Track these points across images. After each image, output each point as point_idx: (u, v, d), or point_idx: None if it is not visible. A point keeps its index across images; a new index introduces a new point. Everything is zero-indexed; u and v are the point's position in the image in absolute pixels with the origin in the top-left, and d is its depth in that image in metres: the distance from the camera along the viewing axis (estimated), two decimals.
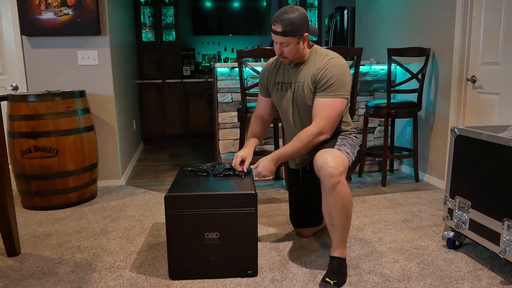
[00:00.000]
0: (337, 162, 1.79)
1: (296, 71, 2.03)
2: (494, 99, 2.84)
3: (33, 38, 3.21)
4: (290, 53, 1.93)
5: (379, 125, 3.84)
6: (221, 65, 3.41)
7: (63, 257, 2.16)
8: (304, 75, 2.00)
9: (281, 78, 2.10)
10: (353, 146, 2.01)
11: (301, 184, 2.30)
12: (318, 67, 1.95)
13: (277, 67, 2.13)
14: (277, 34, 1.88)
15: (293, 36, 1.88)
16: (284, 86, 2.08)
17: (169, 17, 5.77)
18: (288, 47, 1.91)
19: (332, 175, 1.77)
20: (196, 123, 5.69)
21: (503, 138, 1.83)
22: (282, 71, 2.10)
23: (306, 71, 1.99)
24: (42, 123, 2.77)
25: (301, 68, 2.02)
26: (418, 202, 2.96)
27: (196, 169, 2.17)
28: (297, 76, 2.02)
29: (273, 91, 2.14)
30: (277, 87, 2.12)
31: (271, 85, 2.15)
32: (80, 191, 2.99)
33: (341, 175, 1.80)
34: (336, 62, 1.93)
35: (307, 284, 1.85)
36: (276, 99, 2.14)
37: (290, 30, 1.86)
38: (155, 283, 1.87)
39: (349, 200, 1.84)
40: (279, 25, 1.87)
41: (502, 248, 1.83)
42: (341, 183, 1.80)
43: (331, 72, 1.91)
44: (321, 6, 6.21)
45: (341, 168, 1.80)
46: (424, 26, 3.46)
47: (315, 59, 1.99)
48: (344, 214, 1.84)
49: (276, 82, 2.12)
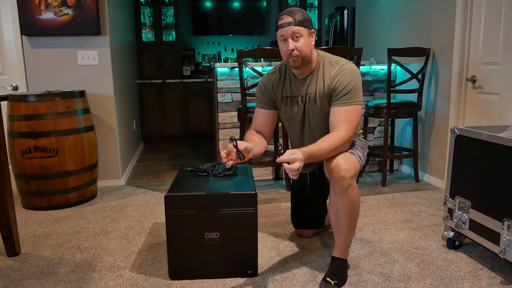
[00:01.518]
0: (349, 165, 1.77)
1: (304, 83, 1.94)
2: (494, 99, 2.84)
3: (33, 38, 3.21)
4: (304, 47, 1.81)
5: (379, 125, 3.84)
6: (221, 65, 3.41)
7: (63, 257, 2.16)
8: (315, 85, 1.92)
9: (289, 92, 1.99)
10: (363, 148, 1.99)
11: (309, 189, 2.28)
12: (331, 75, 1.87)
13: (282, 81, 2.01)
14: (289, 24, 1.78)
15: (304, 27, 1.81)
16: (293, 100, 1.98)
17: (169, 17, 5.77)
18: (301, 40, 1.80)
19: (344, 178, 1.75)
20: (196, 123, 5.69)
21: (503, 138, 1.83)
22: (288, 85, 1.99)
23: (317, 81, 1.91)
24: (42, 123, 2.77)
25: (309, 79, 1.93)
26: (418, 202, 2.96)
27: (196, 169, 2.17)
28: (307, 88, 1.94)
29: (282, 106, 2.03)
30: (286, 102, 2.00)
31: (278, 100, 2.03)
32: (80, 191, 2.99)
33: (353, 179, 1.78)
34: (349, 68, 1.87)
35: (307, 284, 1.85)
36: (286, 115, 2.03)
37: (301, 20, 1.79)
38: (155, 283, 1.87)
39: (357, 204, 1.83)
40: (289, 16, 1.79)
41: (502, 248, 1.83)
42: (352, 187, 1.78)
43: (347, 79, 1.84)
44: (321, 6, 6.21)
45: (353, 171, 1.78)
46: (424, 26, 3.46)
47: (324, 68, 1.91)
48: (351, 217, 1.83)
49: (284, 96, 2.01)
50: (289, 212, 2.73)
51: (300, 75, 1.96)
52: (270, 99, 2.05)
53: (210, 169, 2.15)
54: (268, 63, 3.48)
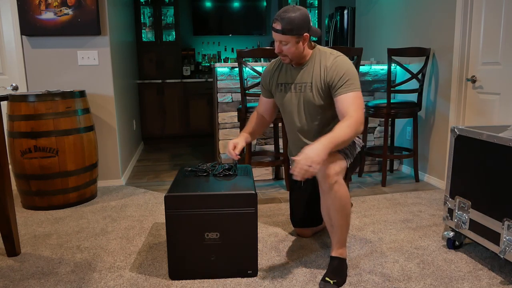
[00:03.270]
0: (333, 162, 1.80)
1: (300, 71, 2.01)
2: (494, 99, 2.84)
3: (33, 38, 3.21)
4: (289, 52, 1.91)
5: (379, 125, 3.84)
6: (221, 65, 3.41)
7: (63, 257, 2.16)
8: (310, 75, 1.97)
9: (284, 79, 2.07)
10: (352, 146, 2.00)
11: (307, 188, 2.29)
12: (326, 66, 1.92)
13: (279, 69, 2.11)
14: (277, 32, 1.88)
15: (291, 35, 1.86)
16: (288, 87, 2.06)
17: (169, 17, 5.77)
18: (287, 46, 1.90)
19: (328, 175, 1.78)
20: (196, 123, 5.69)
21: (503, 138, 1.83)
22: (284, 72, 2.08)
23: (312, 70, 1.97)
24: (42, 123, 2.77)
25: (305, 68, 1.99)
26: (418, 202, 2.96)
27: (196, 169, 2.17)
28: (302, 76, 2.00)
29: (276, 92, 2.11)
30: (281, 88, 2.09)
31: (273, 87, 2.13)
32: (80, 191, 2.99)
33: (338, 175, 1.80)
34: (343, 59, 1.93)
35: (307, 284, 1.85)
36: (280, 100, 2.11)
37: (289, 29, 1.85)
38: (155, 283, 1.87)
39: (346, 200, 1.84)
40: (279, 23, 1.86)
41: (502, 248, 1.83)
42: (338, 183, 1.80)
43: (343, 69, 1.88)
44: (321, 6, 6.21)
45: (338, 168, 1.80)
46: (424, 26, 3.46)
47: (320, 59, 1.96)
48: (342, 214, 1.85)
49: (279, 83, 2.09)
50: (289, 212, 2.74)
51: (296, 63, 2.02)
52: (267, 89, 2.19)
53: (210, 169, 2.15)
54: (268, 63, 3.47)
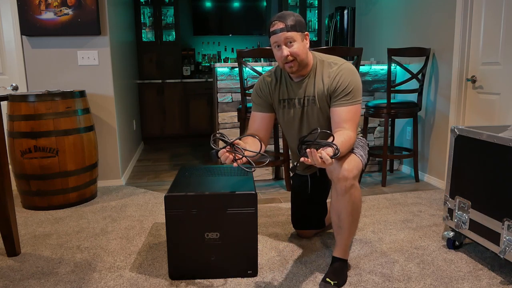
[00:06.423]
0: (352, 165, 1.76)
1: (301, 85, 1.93)
2: (494, 99, 2.84)
3: (33, 38, 3.21)
4: (299, 51, 1.78)
5: (379, 125, 3.84)
6: (221, 65, 3.41)
7: (63, 257, 2.16)
8: (313, 87, 1.90)
9: (286, 94, 1.97)
10: (363, 147, 1.98)
11: (310, 191, 2.26)
12: (330, 75, 1.86)
13: (278, 84, 1.99)
14: (281, 31, 1.76)
15: (296, 31, 1.78)
16: (291, 103, 1.96)
17: (169, 17, 5.77)
18: (295, 45, 1.78)
19: (346, 178, 1.74)
20: (196, 123, 5.69)
21: (503, 138, 1.83)
22: (285, 88, 1.97)
23: (315, 82, 1.90)
24: (42, 123, 2.77)
25: (306, 81, 1.92)
26: (418, 202, 2.95)
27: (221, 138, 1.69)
28: (305, 90, 1.92)
29: (279, 109, 2.01)
30: (283, 105, 1.99)
31: (276, 103, 2.01)
32: (80, 191, 2.99)
33: (355, 179, 1.77)
34: (348, 68, 1.85)
35: (307, 284, 1.85)
36: (283, 118, 2.02)
37: (293, 25, 1.77)
38: (155, 283, 1.87)
39: (359, 204, 1.83)
40: (280, 22, 1.77)
41: (502, 248, 1.83)
42: (355, 187, 1.78)
43: (347, 79, 1.82)
44: (321, 6, 6.21)
45: (356, 171, 1.77)
46: (424, 26, 3.46)
47: (322, 69, 1.90)
48: (353, 217, 1.83)
49: (281, 99, 1.99)
50: (289, 212, 2.74)
51: (296, 77, 1.94)
52: (267, 102, 2.02)
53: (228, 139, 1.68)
54: (268, 63, 3.48)
